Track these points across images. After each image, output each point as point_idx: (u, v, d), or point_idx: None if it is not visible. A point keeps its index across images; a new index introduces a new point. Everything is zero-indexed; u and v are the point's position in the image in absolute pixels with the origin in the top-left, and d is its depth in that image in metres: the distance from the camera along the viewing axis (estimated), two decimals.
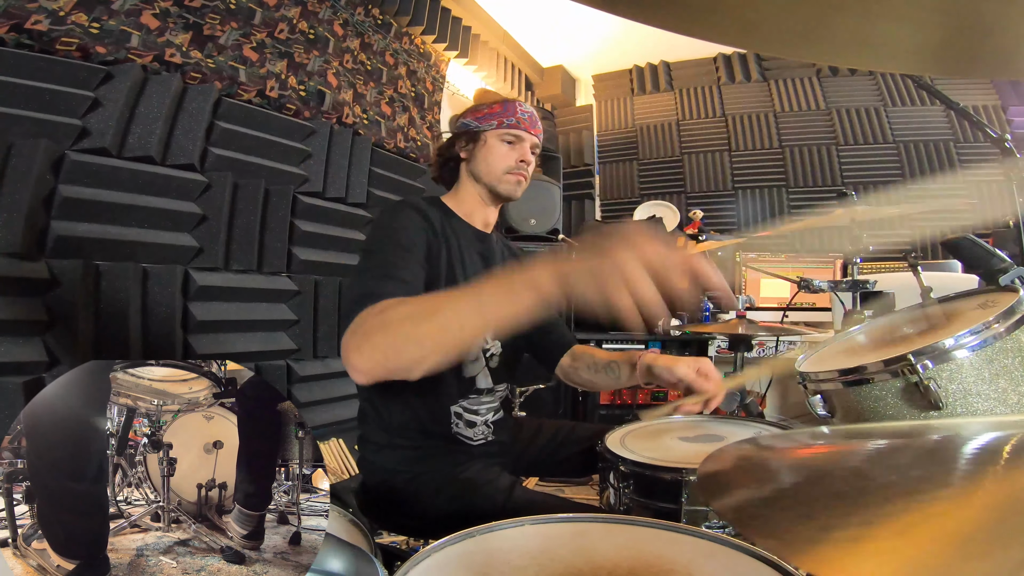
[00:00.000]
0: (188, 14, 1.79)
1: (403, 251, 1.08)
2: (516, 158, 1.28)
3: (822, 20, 0.40)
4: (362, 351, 0.81)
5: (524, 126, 1.28)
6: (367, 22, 2.60)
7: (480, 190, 1.31)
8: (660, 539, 0.70)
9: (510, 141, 1.28)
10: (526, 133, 1.29)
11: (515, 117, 1.28)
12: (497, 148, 1.28)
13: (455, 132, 1.32)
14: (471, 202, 1.32)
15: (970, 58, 0.45)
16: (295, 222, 2.12)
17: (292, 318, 2.10)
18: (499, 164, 1.27)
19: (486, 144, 1.28)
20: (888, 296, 1.54)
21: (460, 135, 1.30)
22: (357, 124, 2.49)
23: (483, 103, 1.31)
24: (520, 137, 1.29)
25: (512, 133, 1.28)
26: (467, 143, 1.29)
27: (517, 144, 1.29)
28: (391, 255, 1.06)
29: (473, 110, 1.31)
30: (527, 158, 1.30)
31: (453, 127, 1.34)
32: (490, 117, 1.28)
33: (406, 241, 1.10)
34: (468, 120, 1.30)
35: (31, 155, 1.39)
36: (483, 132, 1.28)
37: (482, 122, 1.28)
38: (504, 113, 1.27)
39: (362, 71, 2.56)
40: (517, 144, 1.29)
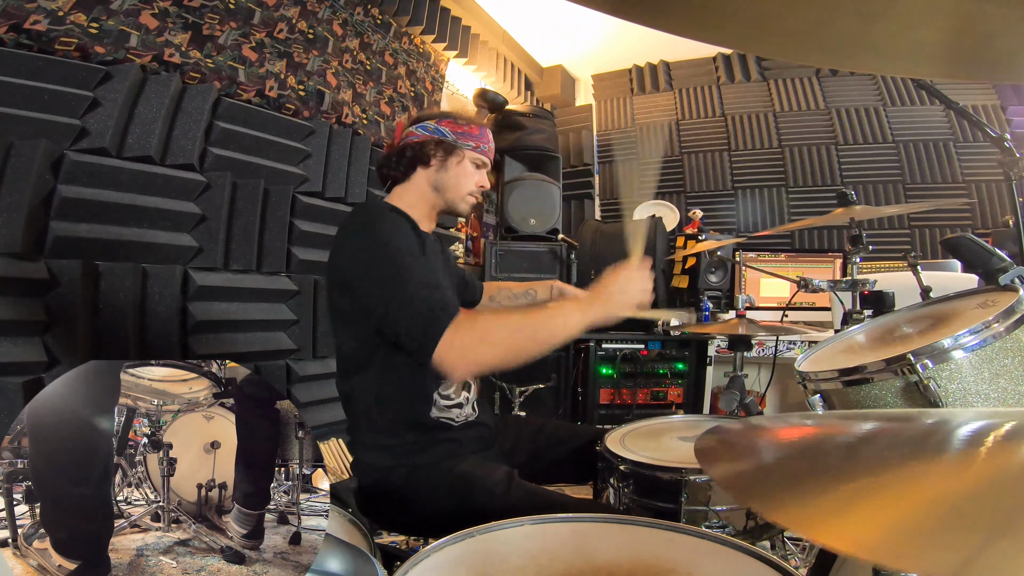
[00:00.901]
0: (187, 14, 1.79)
1: (425, 261, 1.15)
2: (478, 183, 1.34)
3: (823, 23, 0.40)
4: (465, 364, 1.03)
5: (489, 155, 1.35)
6: (366, 22, 2.60)
7: (436, 200, 1.33)
8: (660, 539, 0.70)
9: (478, 165, 1.34)
10: (490, 162, 1.36)
11: (488, 145, 1.35)
12: (468, 169, 1.32)
13: (429, 136, 1.30)
14: (422, 207, 1.32)
15: (972, 62, 0.45)
16: (294, 222, 2.12)
17: (292, 318, 2.10)
18: (467, 185, 1.32)
19: (462, 163, 1.31)
20: (888, 296, 1.54)
21: (437, 143, 1.29)
22: (356, 124, 2.49)
23: (460, 118, 1.33)
24: (485, 164, 1.35)
25: (482, 159, 1.34)
26: (442, 153, 1.29)
27: (482, 169, 1.35)
28: (423, 268, 1.11)
29: (450, 121, 1.31)
30: (486, 184, 1.37)
31: (417, 126, 1.32)
32: (468, 136, 1.31)
33: (417, 250, 1.16)
34: (444, 129, 1.30)
35: (30, 155, 1.39)
36: (461, 149, 1.30)
37: (460, 138, 1.30)
38: (480, 138, 1.32)
39: (361, 71, 2.56)
40: (482, 169, 1.35)
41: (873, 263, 3.12)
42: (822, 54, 0.47)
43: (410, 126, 1.33)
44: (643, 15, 0.41)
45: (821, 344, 1.23)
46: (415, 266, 1.10)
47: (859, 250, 1.67)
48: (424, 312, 1.03)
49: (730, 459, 0.45)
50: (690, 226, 3.53)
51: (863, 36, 0.42)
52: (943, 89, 1.89)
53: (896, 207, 3.24)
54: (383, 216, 1.19)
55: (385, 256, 1.11)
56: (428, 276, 1.09)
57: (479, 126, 1.33)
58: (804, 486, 0.35)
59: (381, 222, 1.17)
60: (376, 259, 1.12)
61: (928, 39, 0.41)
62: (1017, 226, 1.39)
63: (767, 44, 0.45)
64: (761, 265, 3.06)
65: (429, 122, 1.31)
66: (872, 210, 1.82)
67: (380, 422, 1.21)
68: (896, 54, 0.44)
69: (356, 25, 2.53)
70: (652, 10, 0.41)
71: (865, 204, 1.66)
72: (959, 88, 3.23)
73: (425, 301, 1.05)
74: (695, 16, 0.41)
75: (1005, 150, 1.41)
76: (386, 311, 1.08)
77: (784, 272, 2.69)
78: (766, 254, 3.34)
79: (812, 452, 0.45)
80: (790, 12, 0.40)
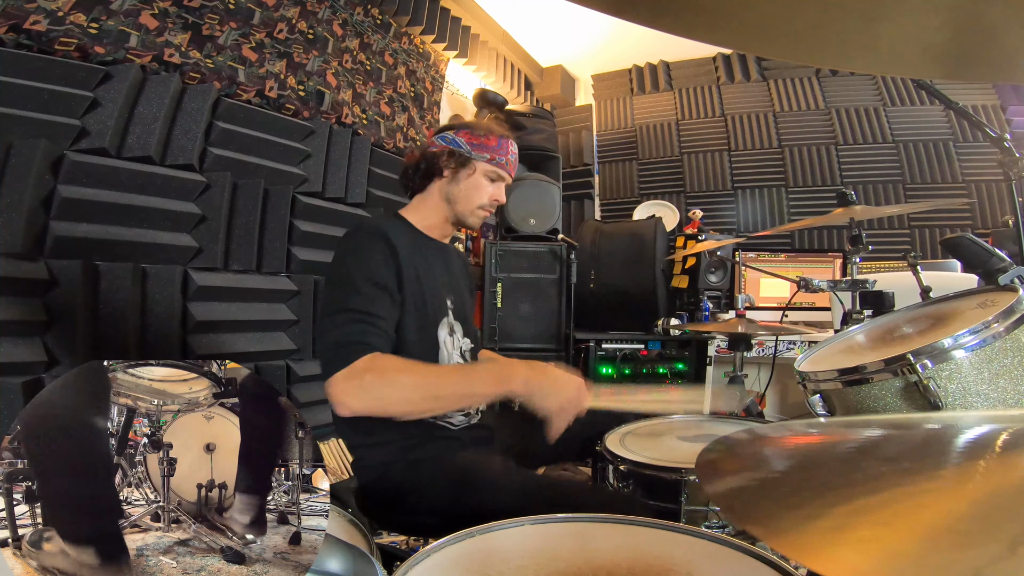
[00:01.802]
0: (187, 14, 1.79)
1: (379, 290, 1.12)
2: (492, 196, 1.30)
3: (823, 23, 0.40)
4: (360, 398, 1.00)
5: (509, 168, 1.30)
6: (366, 22, 2.60)
7: (447, 211, 1.31)
8: (660, 539, 0.70)
9: (492, 179, 1.30)
10: (508, 175, 1.31)
11: (505, 157, 1.29)
12: (481, 183, 1.29)
13: (444, 147, 1.29)
14: (435, 219, 1.32)
15: (974, 62, 0.45)
16: (294, 222, 2.12)
17: (291, 318, 2.10)
18: (478, 199, 1.29)
19: (473, 175, 1.28)
20: (888, 296, 1.54)
21: (450, 154, 1.28)
22: (356, 124, 2.49)
23: (479, 128, 1.29)
24: (503, 177, 1.31)
25: (498, 172, 1.29)
26: (454, 164, 1.28)
27: (497, 183, 1.31)
28: (369, 296, 1.10)
29: (468, 131, 1.29)
30: (501, 199, 1.32)
31: (438, 136, 1.31)
32: (484, 148, 1.27)
33: (380, 279, 1.13)
34: (460, 140, 1.28)
35: (30, 155, 1.39)
36: (474, 161, 1.27)
37: (475, 150, 1.27)
38: (498, 149, 1.28)
39: (361, 71, 2.56)
40: (497, 183, 1.31)
41: (873, 263, 3.12)
42: (822, 54, 0.47)
43: (433, 136, 1.32)
44: (643, 15, 0.41)
45: (821, 344, 1.23)
46: (360, 292, 1.10)
47: (859, 250, 1.67)
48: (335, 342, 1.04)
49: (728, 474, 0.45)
50: (690, 226, 3.53)
51: (863, 36, 0.42)
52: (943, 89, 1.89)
53: (896, 207, 3.24)
54: (360, 239, 1.18)
55: (341, 272, 1.13)
56: (363, 305, 1.08)
57: (498, 137, 1.29)
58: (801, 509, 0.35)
59: (358, 239, 1.17)
60: (334, 271, 1.16)
61: (928, 39, 0.41)
62: (1017, 226, 1.39)
63: (767, 44, 0.45)
64: (761, 265, 3.06)
65: (448, 132, 1.30)
66: (872, 210, 1.82)
67: (377, 427, 1.20)
68: (896, 54, 0.44)
69: (356, 25, 2.53)
70: (652, 10, 0.41)
71: (865, 204, 1.66)
72: (959, 88, 3.23)
73: (344, 332, 1.05)
74: (695, 16, 0.41)
75: (1005, 150, 1.41)
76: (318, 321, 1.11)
77: (784, 272, 2.69)
78: (766, 254, 3.34)
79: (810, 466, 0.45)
80: (790, 12, 0.40)
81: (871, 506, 0.34)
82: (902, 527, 0.31)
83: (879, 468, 0.41)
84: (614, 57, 4.20)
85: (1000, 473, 0.37)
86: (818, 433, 0.56)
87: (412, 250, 1.23)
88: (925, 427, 0.53)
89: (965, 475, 0.38)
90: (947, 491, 0.35)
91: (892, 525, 0.32)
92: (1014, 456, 0.39)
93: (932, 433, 0.51)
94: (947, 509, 0.33)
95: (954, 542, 0.29)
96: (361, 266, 1.13)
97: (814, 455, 0.48)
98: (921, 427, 0.54)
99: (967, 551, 0.28)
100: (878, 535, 0.31)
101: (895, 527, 0.32)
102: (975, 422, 0.54)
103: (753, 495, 0.39)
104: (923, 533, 0.30)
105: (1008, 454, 0.40)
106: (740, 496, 0.39)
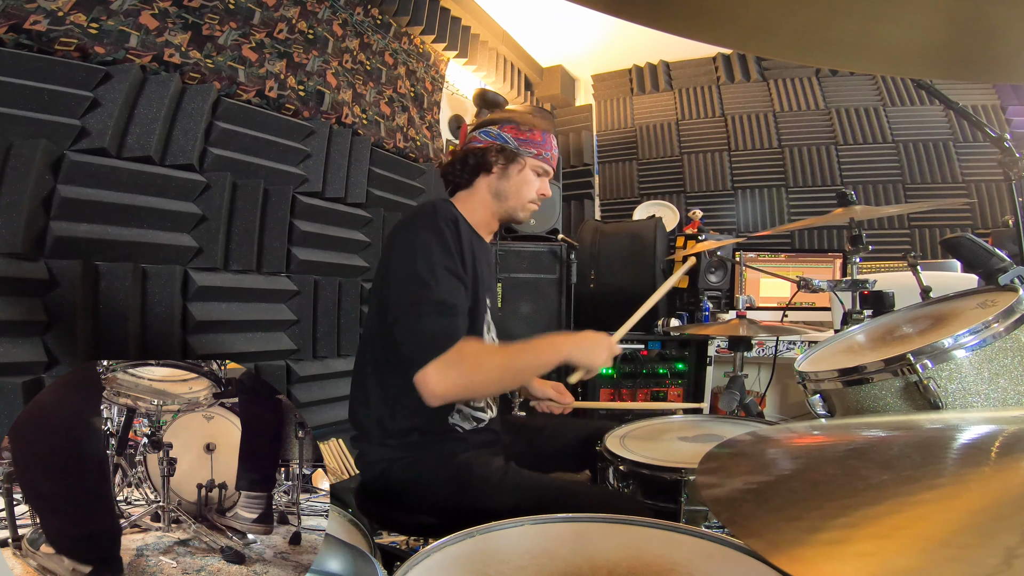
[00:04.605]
0: (187, 14, 1.79)
1: (456, 280, 1.14)
2: (539, 191, 1.32)
3: (824, 24, 0.40)
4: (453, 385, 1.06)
5: (552, 163, 1.32)
6: (366, 22, 2.60)
7: (496, 208, 1.31)
8: (660, 539, 0.70)
9: (539, 173, 1.31)
10: (552, 170, 1.33)
11: (551, 152, 1.31)
12: (530, 178, 1.30)
13: (491, 142, 1.28)
14: (483, 213, 1.32)
15: (974, 62, 0.45)
16: (294, 222, 2.12)
17: (292, 318, 2.10)
18: (528, 194, 1.30)
19: (524, 171, 1.29)
20: (888, 296, 1.54)
21: (499, 150, 1.28)
22: (356, 124, 2.49)
23: (524, 124, 1.29)
24: (548, 172, 1.33)
25: (544, 167, 1.31)
26: (503, 160, 1.28)
27: (543, 178, 1.33)
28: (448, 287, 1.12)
29: (513, 127, 1.28)
30: (548, 193, 1.34)
31: (480, 131, 1.30)
32: (530, 144, 1.28)
33: (454, 267, 1.14)
34: (506, 136, 1.28)
35: (30, 155, 1.39)
36: (523, 157, 1.28)
37: (522, 145, 1.28)
38: (543, 145, 1.30)
39: (361, 71, 2.56)
40: (543, 178, 1.33)
41: (873, 263, 3.12)
42: (822, 54, 0.47)
43: (474, 131, 1.31)
44: (643, 15, 0.41)
45: (821, 344, 1.23)
46: (441, 283, 1.10)
47: (859, 250, 1.67)
48: (426, 334, 1.07)
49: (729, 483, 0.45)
50: (690, 226, 3.53)
51: (863, 36, 0.42)
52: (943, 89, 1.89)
53: (896, 207, 3.24)
54: (437, 220, 1.18)
55: (419, 263, 1.12)
56: (448, 296, 1.10)
57: (542, 132, 1.30)
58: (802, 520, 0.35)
59: (433, 225, 1.17)
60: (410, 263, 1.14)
61: (928, 39, 0.41)
62: (1017, 226, 1.39)
63: (767, 44, 0.45)
64: (761, 265, 3.06)
65: (492, 128, 1.29)
66: (872, 210, 1.82)
67: (394, 428, 1.21)
68: (896, 54, 0.44)
69: (356, 25, 2.53)
70: (652, 10, 0.41)
71: (865, 204, 1.66)
72: (959, 88, 3.22)
73: (433, 324, 1.07)
74: (695, 16, 0.41)
75: (1005, 150, 1.41)
76: (397, 316, 1.11)
77: (784, 272, 2.69)
78: (766, 254, 3.34)
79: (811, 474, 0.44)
80: (790, 12, 0.40)
81: (871, 517, 0.34)
82: (902, 539, 0.31)
83: (880, 476, 0.40)
84: (614, 57, 4.20)
85: (997, 480, 0.37)
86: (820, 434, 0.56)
87: (470, 240, 1.24)
88: (926, 428, 0.53)
89: (963, 483, 0.38)
90: (946, 501, 0.35)
91: (892, 538, 0.32)
92: (1011, 461, 0.39)
93: (932, 436, 0.50)
94: (945, 520, 0.33)
95: (951, 555, 0.29)
96: (442, 253, 1.14)
97: (815, 461, 0.48)
98: (921, 428, 0.53)
99: (963, 564, 0.28)
100: (878, 548, 0.31)
101: (895, 539, 0.32)
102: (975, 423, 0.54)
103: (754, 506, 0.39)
104: (921, 547, 0.30)
105: (1005, 459, 0.40)
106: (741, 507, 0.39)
